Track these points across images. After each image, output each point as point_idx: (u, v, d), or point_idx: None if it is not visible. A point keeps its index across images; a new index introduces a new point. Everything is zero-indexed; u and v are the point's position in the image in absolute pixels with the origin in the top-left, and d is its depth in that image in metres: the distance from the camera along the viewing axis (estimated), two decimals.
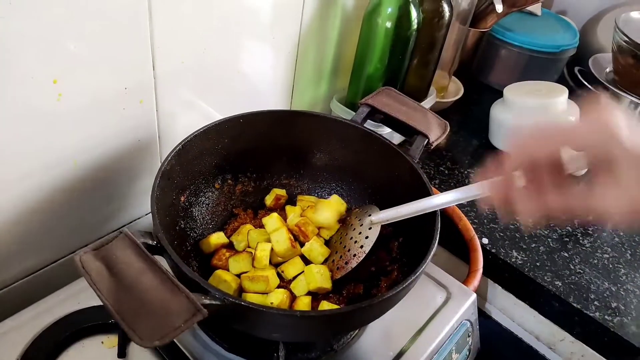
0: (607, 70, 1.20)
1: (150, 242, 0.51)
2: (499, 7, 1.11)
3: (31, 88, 0.54)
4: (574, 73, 1.21)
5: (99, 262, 0.46)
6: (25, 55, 0.52)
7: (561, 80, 1.26)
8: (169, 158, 0.61)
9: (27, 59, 0.52)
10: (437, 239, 0.58)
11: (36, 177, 0.61)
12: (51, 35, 0.53)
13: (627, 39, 1.06)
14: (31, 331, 0.61)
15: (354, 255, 0.64)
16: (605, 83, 1.13)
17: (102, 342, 0.62)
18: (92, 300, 0.64)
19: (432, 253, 0.56)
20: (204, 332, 0.65)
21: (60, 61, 0.55)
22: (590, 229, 0.96)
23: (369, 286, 0.68)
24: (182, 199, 0.67)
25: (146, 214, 0.80)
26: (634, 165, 0.37)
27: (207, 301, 0.46)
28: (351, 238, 0.67)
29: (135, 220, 0.79)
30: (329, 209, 0.70)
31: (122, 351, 0.61)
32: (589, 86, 1.15)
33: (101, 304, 0.43)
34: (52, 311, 0.64)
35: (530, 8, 1.32)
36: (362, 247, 0.64)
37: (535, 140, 0.43)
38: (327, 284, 0.64)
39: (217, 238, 0.69)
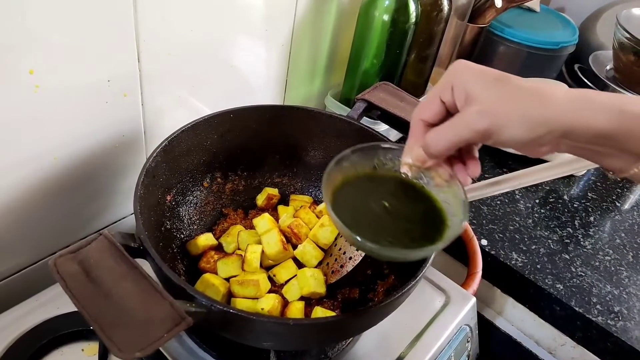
0: (608, 67, 1.18)
1: (132, 244, 0.48)
2: (498, 2, 1.08)
3: (5, 79, 0.51)
4: (573, 70, 1.19)
5: (75, 266, 0.43)
6: None
7: (560, 78, 1.24)
8: (154, 155, 0.58)
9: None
10: None
11: (12, 173, 0.58)
12: (26, 21, 0.49)
13: (628, 36, 1.04)
14: (6, 338, 0.58)
15: (350, 257, 0.61)
16: (605, 80, 1.11)
17: (83, 350, 0.59)
18: (72, 305, 0.60)
19: (432, 257, 0.53)
20: (191, 339, 0.62)
21: (36, 50, 0.52)
22: (591, 230, 0.93)
23: (364, 290, 0.65)
24: (169, 198, 0.64)
25: (131, 214, 0.76)
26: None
27: (192, 309, 0.43)
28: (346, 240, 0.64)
29: (119, 220, 0.75)
30: (331, 231, 0.66)
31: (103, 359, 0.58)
32: (589, 83, 1.13)
33: None
34: (29, 317, 0.60)
35: (529, 4, 1.30)
36: (358, 249, 0.61)
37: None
38: (321, 289, 0.61)
39: (206, 239, 0.65)
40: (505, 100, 0.39)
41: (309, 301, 0.62)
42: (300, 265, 0.65)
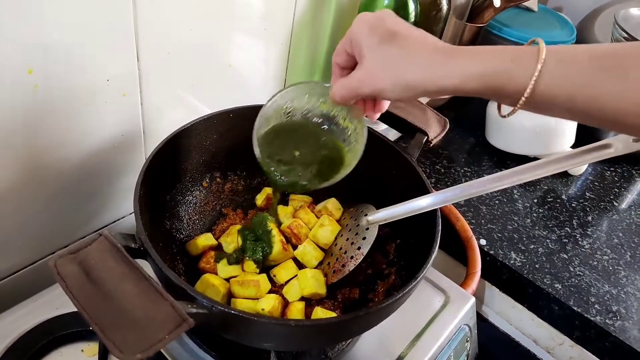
0: None
1: (132, 245, 0.48)
2: (497, 2, 1.08)
3: (3, 78, 0.50)
4: None
5: (75, 266, 0.43)
6: None
7: None
8: (154, 154, 0.58)
9: None
10: (438, 241, 0.55)
11: (11, 173, 0.57)
12: (25, 21, 0.49)
13: (626, 36, 1.04)
14: (5, 339, 0.57)
15: (351, 257, 0.61)
16: None
17: (82, 350, 0.59)
18: (71, 305, 0.59)
19: (432, 257, 0.54)
20: (192, 340, 0.62)
21: (35, 50, 0.51)
22: (589, 229, 0.93)
23: (364, 290, 0.65)
24: (168, 198, 0.64)
25: (130, 214, 0.76)
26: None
27: (193, 310, 0.43)
28: (347, 239, 0.64)
29: (118, 220, 0.75)
30: (332, 231, 0.66)
31: None
32: None
33: None
34: (28, 317, 0.60)
35: (526, 4, 1.30)
36: (359, 248, 0.61)
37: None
38: (322, 290, 0.60)
39: (205, 240, 0.65)
40: (382, 66, 0.45)
41: (309, 302, 0.62)
42: (300, 265, 0.64)
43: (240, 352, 0.60)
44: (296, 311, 0.58)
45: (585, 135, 1.10)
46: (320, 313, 0.58)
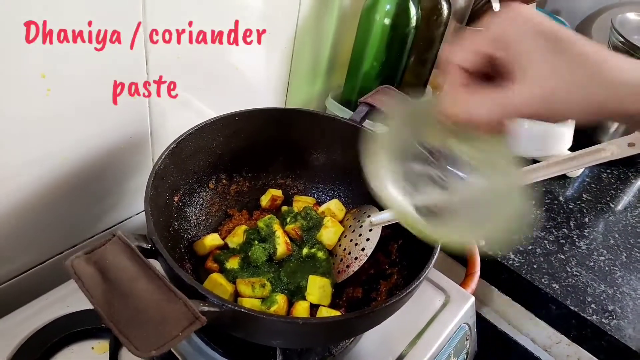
0: None
1: (144, 245, 0.49)
2: (496, 6, 1.10)
3: (18, 82, 0.52)
4: None
5: (91, 267, 0.44)
6: (12, 48, 0.49)
7: None
8: (163, 157, 0.59)
9: (13, 52, 0.50)
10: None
11: (23, 174, 0.59)
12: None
13: (623, 40, 1.05)
14: (17, 337, 0.58)
15: (355, 258, 0.62)
16: None
17: (93, 348, 0.60)
18: (81, 303, 0.62)
19: (435, 257, 0.55)
20: (199, 337, 0.63)
21: (49, 55, 0.52)
22: (586, 231, 0.95)
23: (367, 290, 0.67)
24: (176, 199, 0.65)
25: (137, 213, 0.77)
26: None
27: (205, 308, 0.44)
28: (351, 240, 0.65)
29: (126, 219, 0.76)
30: (335, 232, 0.68)
31: (113, 357, 0.59)
32: None
33: (92, 307, 0.41)
34: (39, 315, 0.61)
35: None
36: (363, 249, 0.62)
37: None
38: (326, 302, 0.61)
39: (212, 240, 0.66)
40: (562, 84, 0.34)
41: None
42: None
43: (246, 349, 0.62)
44: (302, 310, 0.60)
45: (583, 139, 1.12)
46: (324, 312, 0.60)
